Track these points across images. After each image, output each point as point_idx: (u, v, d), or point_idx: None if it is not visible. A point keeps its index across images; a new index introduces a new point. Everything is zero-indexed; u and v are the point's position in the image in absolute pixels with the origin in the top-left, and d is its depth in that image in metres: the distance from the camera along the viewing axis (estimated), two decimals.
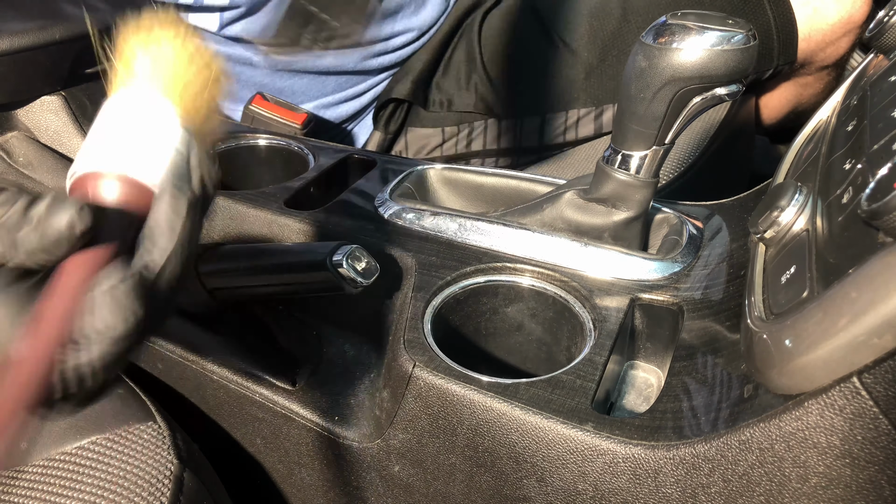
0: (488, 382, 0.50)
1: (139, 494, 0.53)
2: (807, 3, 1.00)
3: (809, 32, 1.01)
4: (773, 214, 0.45)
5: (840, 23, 1.00)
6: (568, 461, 0.47)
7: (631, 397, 0.57)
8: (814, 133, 0.58)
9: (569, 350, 0.60)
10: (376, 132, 1.05)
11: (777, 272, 0.43)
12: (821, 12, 1.00)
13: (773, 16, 0.99)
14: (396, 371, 0.54)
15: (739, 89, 0.53)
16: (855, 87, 0.53)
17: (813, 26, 1.01)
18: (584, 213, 0.62)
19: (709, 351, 0.50)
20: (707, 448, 0.43)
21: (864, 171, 0.39)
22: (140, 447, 0.57)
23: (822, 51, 1.03)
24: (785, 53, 1.02)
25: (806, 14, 1.00)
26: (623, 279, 0.58)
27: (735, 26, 0.51)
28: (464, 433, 0.51)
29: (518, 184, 0.72)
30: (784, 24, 0.99)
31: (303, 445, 0.62)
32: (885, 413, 0.36)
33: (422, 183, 0.75)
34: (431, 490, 0.56)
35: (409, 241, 0.64)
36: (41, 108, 0.79)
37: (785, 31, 1.00)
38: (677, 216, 0.65)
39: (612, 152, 0.59)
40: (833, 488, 0.39)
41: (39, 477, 0.55)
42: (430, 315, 0.57)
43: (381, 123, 1.04)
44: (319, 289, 0.58)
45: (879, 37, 0.51)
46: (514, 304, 0.61)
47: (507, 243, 0.62)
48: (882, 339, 0.33)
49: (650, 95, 0.54)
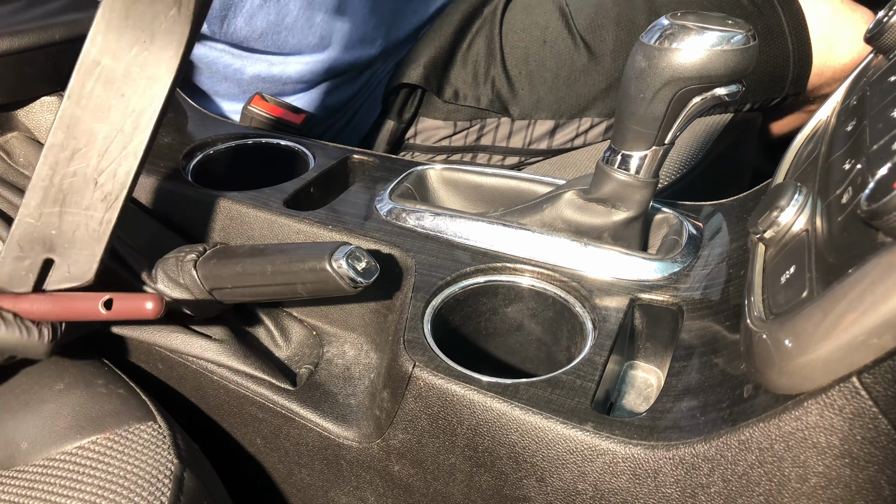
0: (488, 382, 0.50)
1: (139, 494, 0.53)
2: (824, 40, 1.02)
3: (822, 69, 1.04)
4: (773, 214, 0.45)
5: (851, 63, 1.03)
6: (568, 461, 0.47)
7: (631, 397, 0.57)
8: (813, 133, 0.58)
9: (568, 350, 0.60)
10: (389, 121, 1.03)
11: (777, 272, 0.43)
12: (836, 50, 1.03)
13: (793, 47, 1.01)
14: (396, 371, 0.54)
15: (739, 90, 0.53)
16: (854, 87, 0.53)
17: (826, 63, 1.03)
18: (584, 213, 0.62)
19: (708, 351, 0.50)
20: (707, 448, 0.43)
21: (864, 171, 0.39)
22: (140, 447, 0.57)
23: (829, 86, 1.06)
24: (796, 84, 1.04)
25: (821, 50, 1.02)
26: (623, 279, 0.58)
27: (735, 26, 0.51)
28: (464, 433, 0.51)
29: (518, 184, 0.72)
30: (801, 56, 1.02)
31: (303, 445, 0.62)
32: (885, 413, 0.36)
33: (422, 183, 0.75)
34: (431, 490, 0.56)
35: (409, 241, 0.64)
36: (41, 109, 0.79)
37: (801, 64, 1.02)
38: (677, 216, 0.65)
39: (612, 152, 0.59)
40: (832, 488, 0.39)
41: (39, 477, 0.55)
42: (429, 315, 0.57)
43: (394, 112, 1.03)
44: (319, 289, 0.58)
45: (879, 37, 0.51)
46: (513, 304, 0.61)
47: (507, 243, 0.62)
48: (882, 339, 0.33)
49: (650, 96, 0.54)
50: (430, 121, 1.04)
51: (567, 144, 1.04)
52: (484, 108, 1.02)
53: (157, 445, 0.57)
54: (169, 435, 0.58)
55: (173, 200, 0.73)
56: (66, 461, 0.56)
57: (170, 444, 0.57)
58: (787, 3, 1.01)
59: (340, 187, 0.76)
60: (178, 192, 0.73)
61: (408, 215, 0.67)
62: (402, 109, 1.02)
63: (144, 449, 0.56)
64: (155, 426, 0.59)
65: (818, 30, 1.02)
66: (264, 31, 0.93)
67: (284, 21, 0.93)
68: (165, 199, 0.74)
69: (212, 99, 0.99)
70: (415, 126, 1.05)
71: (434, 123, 1.04)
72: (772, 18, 1.01)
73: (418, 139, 1.05)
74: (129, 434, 0.58)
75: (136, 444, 0.57)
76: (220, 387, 0.64)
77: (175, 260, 0.64)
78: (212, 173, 0.79)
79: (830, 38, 1.02)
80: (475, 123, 1.03)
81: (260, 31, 0.93)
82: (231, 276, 0.61)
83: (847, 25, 1.02)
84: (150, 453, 0.56)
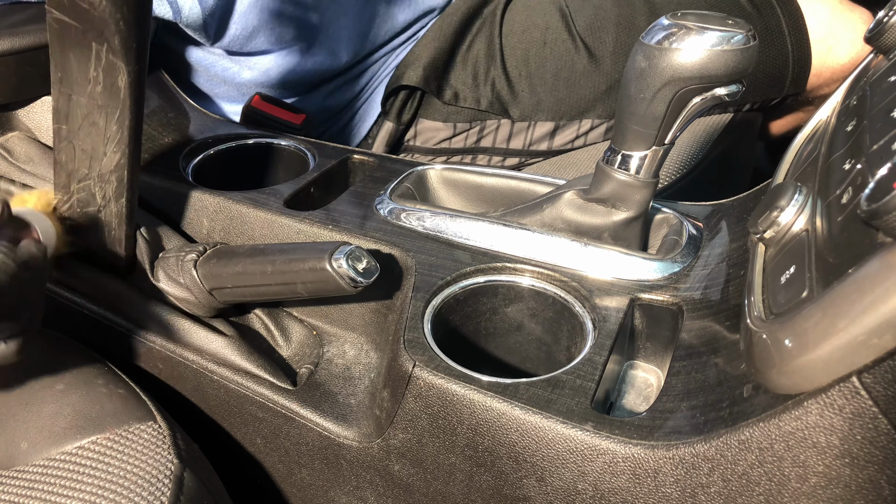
0: (488, 382, 0.50)
1: (139, 494, 0.53)
2: (822, 41, 1.02)
3: (821, 70, 1.04)
4: (773, 214, 0.45)
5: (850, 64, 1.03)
6: (568, 461, 0.47)
7: (631, 397, 0.57)
8: (813, 133, 0.58)
9: (569, 350, 0.60)
10: (388, 122, 1.03)
11: (777, 272, 0.43)
12: (835, 51, 1.03)
13: (791, 48, 1.01)
14: (396, 371, 0.54)
15: (739, 90, 0.53)
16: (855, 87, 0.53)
17: (825, 64, 1.03)
18: (584, 213, 0.62)
19: (708, 351, 0.50)
20: (707, 448, 0.43)
21: (864, 171, 0.39)
22: (140, 447, 0.56)
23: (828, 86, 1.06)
24: (795, 85, 1.04)
25: (820, 51, 1.03)
26: (623, 279, 0.58)
27: (735, 27, 0.51)
28: (464, 433, 0.51)
29: (518, 184, 0.72)
30: (800, 57, 1.02)
31: (303, 445, 0.62)
32: (885, 413, 0.36)
33: (422, 183, 0.75)
34: (431, 490, 0.56)
35: (409, 241, 0.64)
36: (41, 108, 0.79)
37: (800, 65, 1.03)
38: (677, 216, 0.65)
39: (612, 152, 0.59)
40: (832, 488, 0.39)
41: (39, 477, 0.55)
42: (430, 315, 0.57)
43: (392, 113, 1.02)
44: (319, 289, 0.58)
45: (879, 37, 0.51)
46: (513, 303, 0.61)
47: (507, 243, 0.62)
48: (882, 339, 0.33)
49: (650, 96, 0.54)
50: (429, 122, 1.04)
51: (567, 146, 1.04)
52: (484, 109, 1.02)
53: (157, 445, 0.57)
54: (169, 435, 0.58)
55: (173, 200, 0.73)
56: (66, 461, 0.56)
57: (170, 444, 0.57)
58: (786, 4, 1.01)
59: (340, 187, 0.76)
60: (178, 192, 0.73)
61: (408, 215, 0.67)
62: (402, 111, 1.02)
63: (144, 449, 0.56)
64: (155, 426, 0.59)
65: (817, 31, 1.02)
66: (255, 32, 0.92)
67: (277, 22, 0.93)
68: (165, 198, 0.74)
69: (211, 100, 0.99)
70: (414, 128, 1.05)
71: (434, 125, 1.04)
72: (771, 20, 1.01)
73: (418, 141, 1.05)
74: (129, 434, 0.58)
75: (136, 444, 0.57)
76: (221, 386, 0.64)
77: (175, 259, 0.64)
78: (212, 173, 0.79)
79: (829, 39, 1.02)
80: (475, 125, 1.03)
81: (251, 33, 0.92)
82: (231, 276, 0.61)
83: (846, 26, 1.03)
84: (150, 453, 0.56)
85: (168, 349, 0.65)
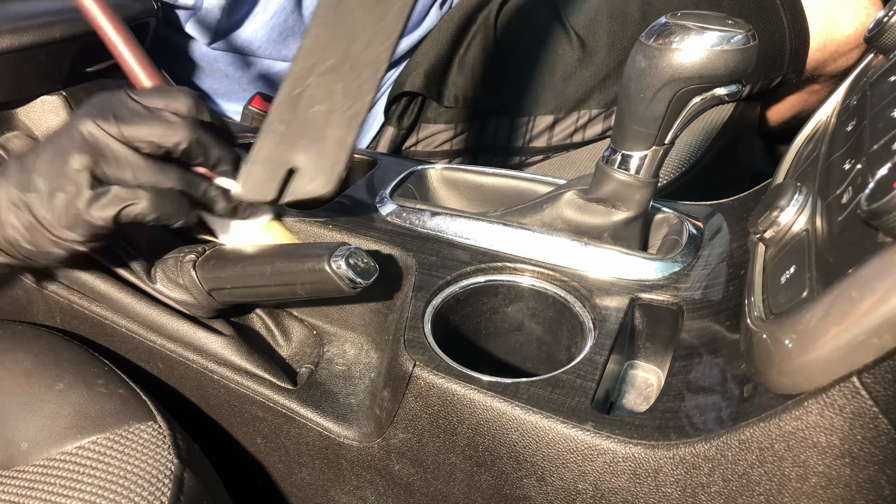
0: (488, 382, 0.50)
1: (139, 494, 0.53)
2: (823, 15, 1.00)
3: (824, 43, 1.01)
4: (773, 214, 0.45)
5: (854, 35, 1.01)
6: (568, 460, 0.47)
7: (631, 397, 0.57)
8: (814, 133, 0.58)
9: (569, 350, 0.60)
10: (389, 127, 1.04)
11: (777, 272, 0.43)
12: (837, 24, 1.01)
13: (787, 24, 0.99)
14: (396, 370, 0.54)
15: (739, 90, 0.53)
16: (854, 88, 0.53)
17: (828, 37, 1.01)
18: (584, 213, 0.62)
19: (709, 351, 0.50)
20: (707, 447, 0.43)
21: (864, 171, 0.39)
22: (140, 447, 0.57)
23: (834, 62, 1.04)
24: (795, 62, 1.02)
25: (822, 25, 1.00)
26: (623, 279, 0.58)
27: (735, 26, 0.51)
28: (464, 432, 0.51)
29: (518, 184, 0.72)
30: (798, 32, 1.00)
31: (303, 445, 0.62)
32: (885, 413, 0.36)
33: (422, 183, 0.75)
34: (431, 489, 0.56)
35: (409, 241, 0.64)
36: (41, 108, 0.79)
37: (798, 41, 1.00)
38: (677, 216, 0.65)
39: (612, 152, 0.59)
40: (833, 488, 0.39)
41: (39, 477, 0.55)
42: (430, 315, 0.57)
43: (393, 118, 1.03)
44: (318, 290, 0.58)
45: (879, 37, 0.51)
46: (514, 303, 0.61)
47: (507, 243, 0.62)
48: (882, 339, 0.33)
49: (650, 95, 0.54)
50: (431, 126, 1.04)
51: (567, 140, 1.04)
52: (483, 108, 1.02)
53: (157, 445, 0.57)
54: (169, 435, 0.58)
55: None
56: (66, 461, 0.56)
57: (170, 444, 0.57)
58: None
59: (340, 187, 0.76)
60: None
61: (408, 215, 0.67)
62: (402, 116, 1.03)
63: (144, 449, 0.56)
64: (155, 426, 0.59)
65: (816, 4, 1.00)
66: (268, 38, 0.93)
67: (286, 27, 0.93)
68: None
69: (212, 98, 1.00)
70: (416, 134, 1.05)
71: (435, 128, 1.04)
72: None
73: (419, 146, 1.06)
74: (129, 434, 0.58)
75: (136, 444, 0.57)
76: (221, 386, 0.64)
77: (174, 260, 0.64)
78: None
79: (830, 11, 1.00)
80: (475, 125, 1.03)
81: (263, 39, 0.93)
82: (230, 277, 0.61)
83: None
84: (150, 453, 0.56)
85: (168, 349, 0.65)
